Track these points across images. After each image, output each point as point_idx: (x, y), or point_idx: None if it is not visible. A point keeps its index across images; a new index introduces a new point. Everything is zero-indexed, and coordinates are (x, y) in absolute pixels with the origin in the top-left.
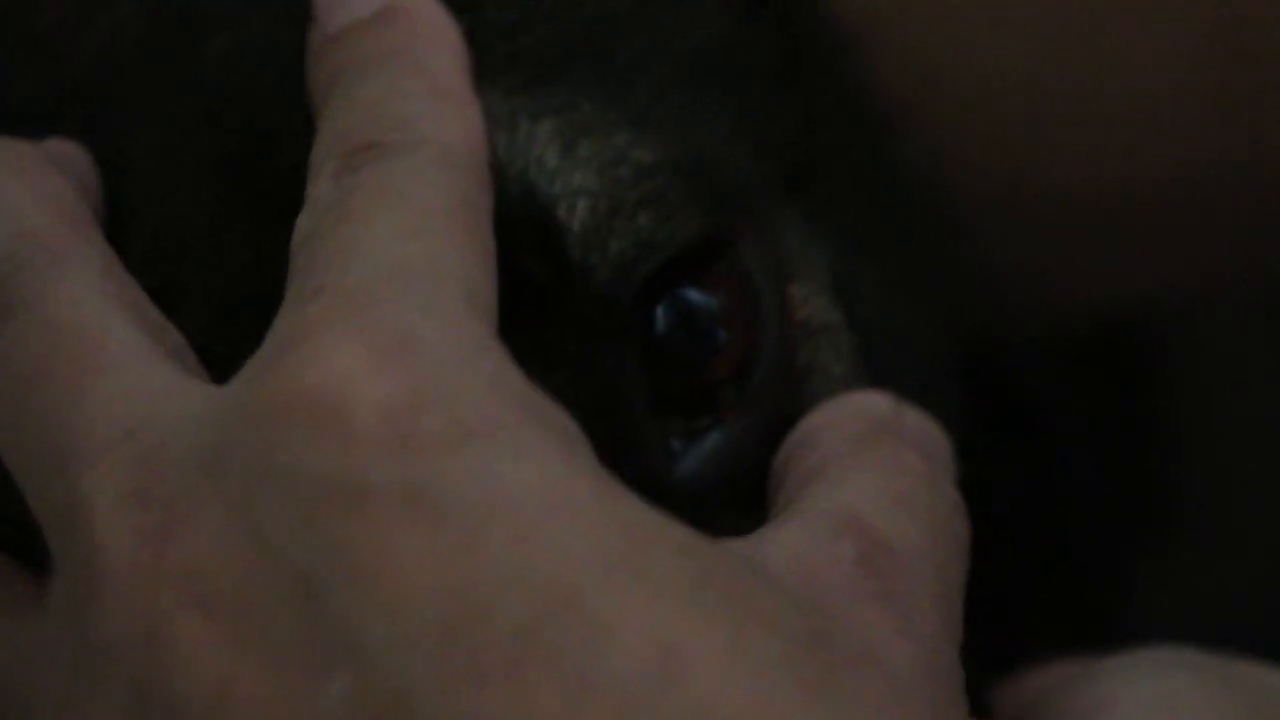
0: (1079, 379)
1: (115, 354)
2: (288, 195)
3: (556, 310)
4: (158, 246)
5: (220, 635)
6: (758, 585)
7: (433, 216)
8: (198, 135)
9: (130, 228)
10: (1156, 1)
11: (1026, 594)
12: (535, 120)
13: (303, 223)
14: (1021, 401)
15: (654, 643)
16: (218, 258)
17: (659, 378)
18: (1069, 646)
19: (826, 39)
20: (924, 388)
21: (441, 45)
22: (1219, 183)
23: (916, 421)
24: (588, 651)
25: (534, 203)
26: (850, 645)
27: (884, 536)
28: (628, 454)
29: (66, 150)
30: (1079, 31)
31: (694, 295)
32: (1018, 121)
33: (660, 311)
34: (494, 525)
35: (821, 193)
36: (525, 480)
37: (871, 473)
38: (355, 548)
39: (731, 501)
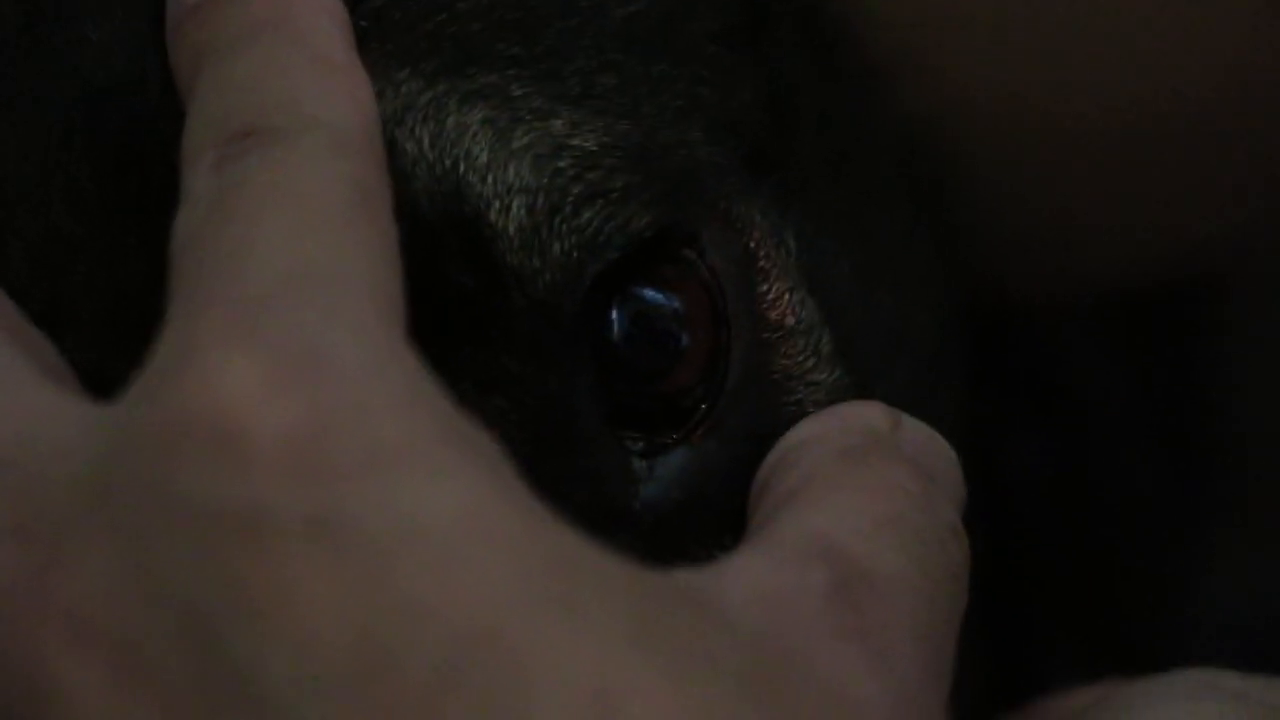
0: (1122, 349)
1: None
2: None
3: (492, 323)
4: (35, 257)
5: (107, 679)
6: (707, 622)
7: (329, 210)
8: (77, 133)
9: (3, 237)
10: None
11: (1058, 592)
12: (463, 108)
13: (183, 223)
14: (1056, 376)
15: (586, 687)
16: (104, 268)
17: (616, 389)
18: (1105, 651)
19: None
20: (919, 387)
21: (319, 11)
22: (1264, 104)
23: (915, 435)
24: (512, 696)
25: (464, 203)
26: (813, 687)
27: (862, 564)
28: (582, 479)
29: None
30: None
31: (651, 294)
32: (1029, 53)
33: (614, 315)
34: (407, 557)
35: (792, 170)
36: (442, 507)
37: (856, 493)
38: (254, 584)
39: (704, 528)
